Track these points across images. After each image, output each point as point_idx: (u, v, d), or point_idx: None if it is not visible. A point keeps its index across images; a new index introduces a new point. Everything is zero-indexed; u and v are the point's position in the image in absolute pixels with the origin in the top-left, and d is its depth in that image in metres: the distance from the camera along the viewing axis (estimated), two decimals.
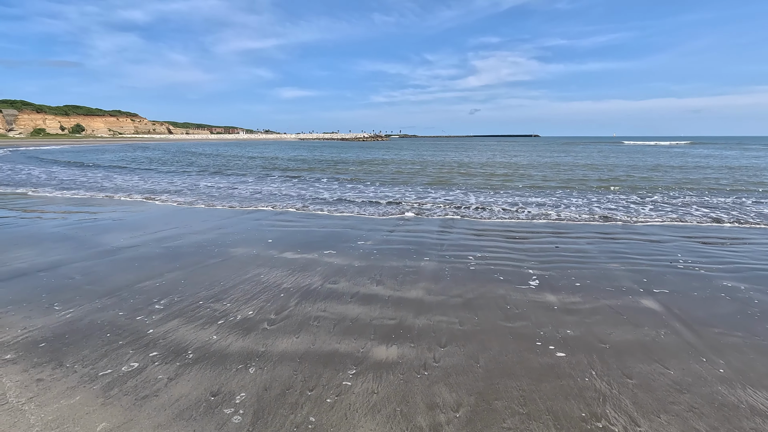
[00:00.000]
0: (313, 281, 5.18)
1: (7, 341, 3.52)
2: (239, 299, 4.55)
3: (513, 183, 16.64)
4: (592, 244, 7.28)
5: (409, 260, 6.18)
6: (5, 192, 13.73)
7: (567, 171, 21.82)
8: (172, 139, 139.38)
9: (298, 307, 4.36)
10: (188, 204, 11.49)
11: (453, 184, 16.47)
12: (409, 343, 3.56)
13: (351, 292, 4.82)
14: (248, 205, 11.29)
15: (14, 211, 10.21)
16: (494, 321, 4.03)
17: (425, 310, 4.28)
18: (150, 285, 4.97)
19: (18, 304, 4.33)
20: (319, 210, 10.64)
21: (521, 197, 13.03)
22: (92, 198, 12.57)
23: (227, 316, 4.08)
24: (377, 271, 5.60)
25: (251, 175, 20.65)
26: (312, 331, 3.79)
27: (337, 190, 14.75)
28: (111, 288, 4.85)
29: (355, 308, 4.33)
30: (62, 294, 4.65)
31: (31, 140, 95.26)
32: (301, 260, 6.12)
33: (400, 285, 5.07)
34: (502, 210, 10.76)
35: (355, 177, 19.16)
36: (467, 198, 12.79)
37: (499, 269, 5.74)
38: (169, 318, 4.03)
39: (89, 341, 3.55)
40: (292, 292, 4.80)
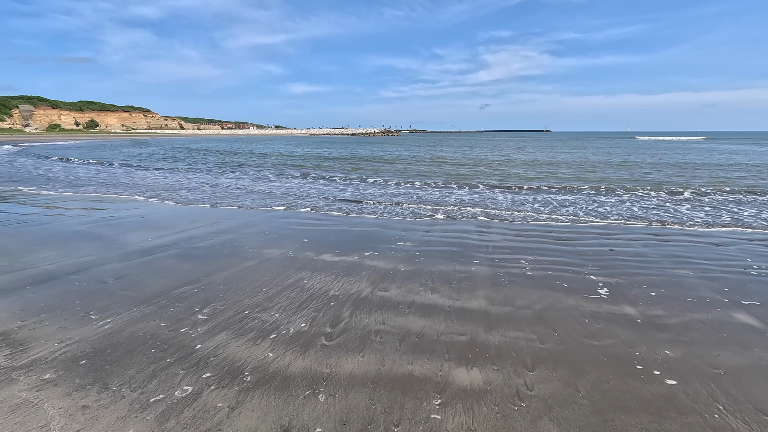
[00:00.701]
0: (361, 288, 4.78)
1: (45, 357, 3.18)
2: (287, 308, 4.17)
3: (539, 181, 16.08)
4: (647, 246, 6.77)
5: (458, 264, 5.75)
6: (25, 187, 13.59)
7: (591, 169, 21.13)
8: (183, 134, 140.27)
9: (353, 318, 3.96)
10: (210, 202, 11.20)
11: (476, 181, 15.96)
12: (491, 365, 3.14)
13: (406, 300, 4.41)
14: (271, 204, 10.95)
15: (36, 207, 10.00)
16: (577, 338, 3.59)
17: (495, 324, 3.85)
18: (188, 291, 4.62)
19: (52, 312, 4.01)
20: (345, 208, 10.26)
21: (551, 196, 12.50)
22: (112, 195, 12.35)
23: (279, 329, 3.70)
24: (427, 277, 5.19)
25: (269, 171, 20.37)
26: (377, 348, 3.39)
27: (359, 187, 14.34)
28: (147, 294, 4.51)
29: (417, 320, 3.92)
30: (97, 300, 4.32)
31: (47, 135, 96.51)
32: (342, 263, 5.73)
33: (457, 293, 4.64)
34: (535, 209, 10.25)
35: (375, 174, 18.75)
36: (495, 196, 12.28)
37: (559, 275, 5.28)
38: (215, 330, 3.66)
39: (133, 358, 3.19)
40: (342, 300, 4.41)
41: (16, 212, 9.29)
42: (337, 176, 17.63)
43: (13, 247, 6.37)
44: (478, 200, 11.56)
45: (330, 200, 11.48)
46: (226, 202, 10.99)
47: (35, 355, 3.22)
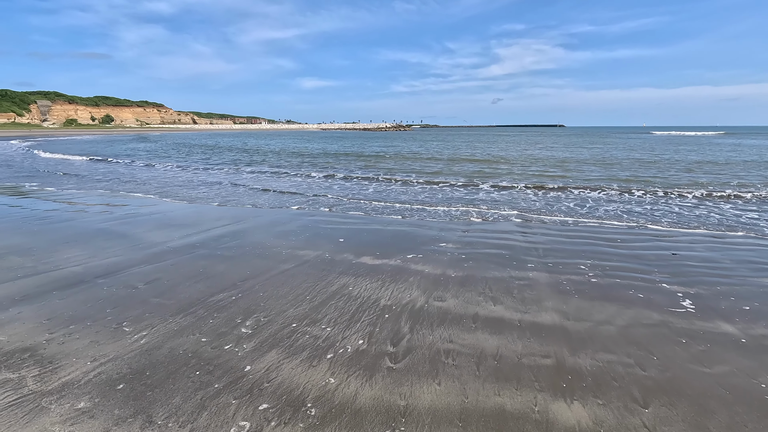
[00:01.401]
0: (413, 296, 4.33)
1: (77, 380, 2.79)
2: (337, 321, 3.73)
3: (568, 180, 15.42)
4: (713, 251, 6.18)
5: (512, 269, 5.26)
6: (45, 184, 13.42)
7: (618, 167, 20.32)
8: (197, 129, 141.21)
9: (415, 334, 3.51)
10: (231, 200, 10.85)
11: (502, 180, 15.37)
12: (593, 398, 2.66)
13: (468, 313, 3.94)
14: (293, 202, 10.56)
15: (58, 203, 9.75)
16: (682, 364, 3.08)
17: (578, 344, 3.36)
18: (225, 298, 4.22)
19: (81, 323, 3.63)
20: (371, 207, 9.81)
21: (584, 194, 11.87)
22: (131, 192, 12.09)
23: (334, 347, 3.27)
24: (483, 284, 4.71)
25: (286, 169, 20.05)
26: (452, 373, 2.93)
27: (382, 185, 13.87)
28: (182, 302, 4.12)
29: (488, 338, 3.45)
30: (128, 309, 3.94)
31: (64, 130, 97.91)
32: (385, 267, 5.28)
33: (523, 304, 4.16)
34: (572, 209, 9.67)
35: (396, 172, 18.27)
36: (526, 195, 11.70)
37: (629, 283, 4.76)
38: (263, 348, 3.24)
39: (177, 382, 2.78)
40: (396, 311, 3.96)
41: (38, 208, 9.04)
42: (357, 173, 17.18)
43: (37, 246, 6.06)
44: (508, 199, 11.00)
45: (354, 198, 11.04)
46: (247, 200, 10.63)
47: (67, 376, 2.83)
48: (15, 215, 8.25)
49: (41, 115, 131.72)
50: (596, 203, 10.23)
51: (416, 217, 8.51)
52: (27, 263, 5.27)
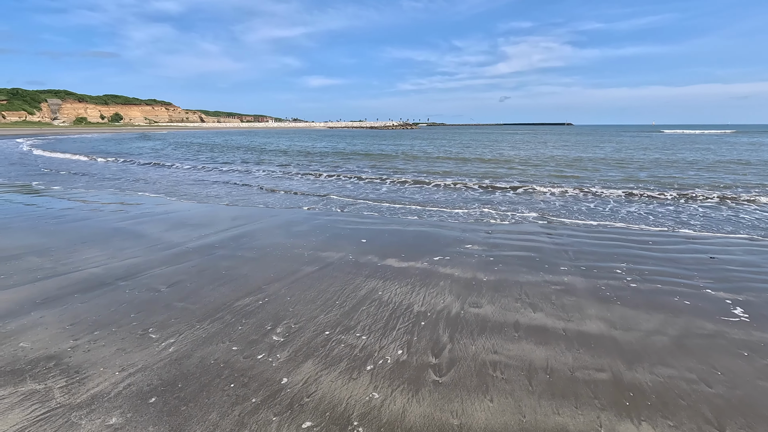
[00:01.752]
0: (447, 302, 4.13)
1: (107, 392, 2.64)
2: (372, 328, 3.55)
3: (583, 179, 15.12)
4: (753, 254, 5.92)
5: (545, 273, 5.04)
6: (65, 180, 13.40)
7: (632, 166, 19.89)
8: (205, 127, 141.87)
9: (456, 344, 3.31)
10: (246, 199, 10.73)
11: (515, 178, 15.12)
12: (663, 420, 2.45)
13: (508, 321, 3.74)
14: (307, 202, 10.40)
15: (72, 201, 9.67)
16: (751, 381, 2.86)
17: (632, 356, 3.15)
18: (252, 303, 4.05)
19: (106, 328, 3.48)
20: (387, 207, 9.62)
21: (605, 194, 11.58)
22: (143, 190, 12.01)
23: (373, 358, 3.08)
24: (517, 289, 4.50)
25: (296, 168, 19.95)
26: (503, 388, 2.74)
27: (395, 185, 13.67)
28: (208, 307, 3.96)
29: (534, 349, 3.24)
30: (153, 314, 3.78)
31: (75, 128, 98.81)
32: (412, 270, 5.09)
33: (564, 311, 3.94)
34: (593, 210, 9.42)
35: (407, 171, 18.08)
36: (543, 195, 11.44)
37: (671, 289, 4.52)
38: (298, 358, 3.07)
39: (211, 395, 2.62)
40: (432, 318, 3.77)
41: (53, 206, 8.96)
42: (369, 173, 17.01)
43: (54, 246, 5.94)
44: (526, 199, 10.75)
45: (368, 199, 10.86)
46: (259, 200, 10.50)
47: (95, 387, 2.68)
48: (30, 214, 8.17)
49: (52, 113, 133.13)
50: (618, 204, 9.95)
51: (435, 218, 8.30)
52: (46, 264, 5.15)
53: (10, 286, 4.41)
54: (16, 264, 5.11)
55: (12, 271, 4.88)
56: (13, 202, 9.49)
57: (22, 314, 3.74)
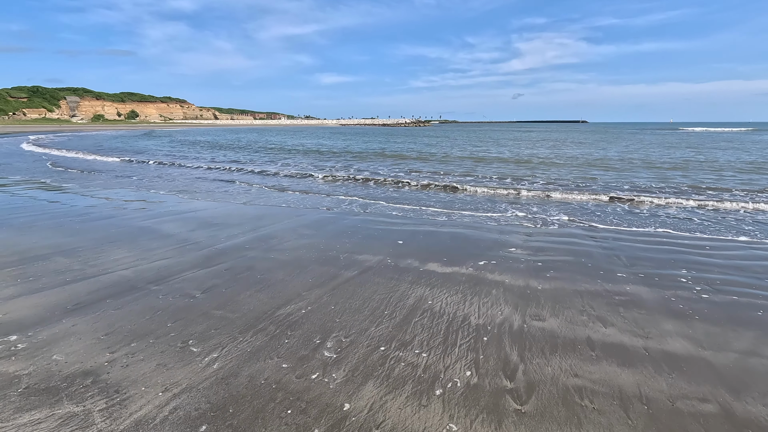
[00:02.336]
0: (506, 314, 3.78)
1: (151, 417, 2.35)
2: (430, 344, 3.22)
3: (610, 182, 14.57)
4: None
5: (602, 280, 4.65)
6: (83, 175, 13.36)
7: (663, 166, 19.21)
8: (218, 124, 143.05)
9: (528, 364, 2.96)
10: (267, 198, 10.49)
11: (538, 179, 14.64)
12: None
13: (579, 337, 3.37)
14: (332, 202, 10.12)
15: (96, 198, 9.54)
16: None
17: (736, 384, 2.76)
18: (295, 312, 3.75)
19: (143, 339, 3.22)
20: (414, 207, 9.28)
21: (641, 197, 11.07)
22: (162, 188, 11.86)
23: (440, 380, 2.75)
24: (578, 299, 4.12)
25: (314, 168, 19.74)
26: (599, 421, 2.38)
27: (418, 184, 13.31)
28: (248, 316, 3.67)
29: (619, 372, 2.87)
30: (191, 323, 3.51)
31: (93, 126, 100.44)
32: (458, 276, 4.74)
33: (638, 326, 3.56)
34: (630, 211, 8.95)
35: (428, 172, 17.72)
36: (573, 196, 10.96)
37: (750, 302, 4.10)
38: (357, 378, 2.75)
39: (268, 424, 2.32)
40: (494, 333, 3.42)
41: (77, 204, 8.83)
42: (387, 172, 16.68)
43: (81, 246, 5.75)
44: (556, 201, 10.29)
45: (391, 198, 10.54)
46: (281, 200, 10.25)
47: (138, 411, 2.40)
48: (54, 212, 8.03)
49: (70, 110, 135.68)
50: (655, 207, 9.44)
51: (466, 219, 7.93)
52: (74, 265, 4.94)
53: (39, 289, 4.20)
54: (44, 265, 4.91)
55: (40, 272, 4.67)
56: (37, 199, 9.40)
57: (54, 322, 3.50)
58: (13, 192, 10.27)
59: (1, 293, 4.08)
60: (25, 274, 4.62)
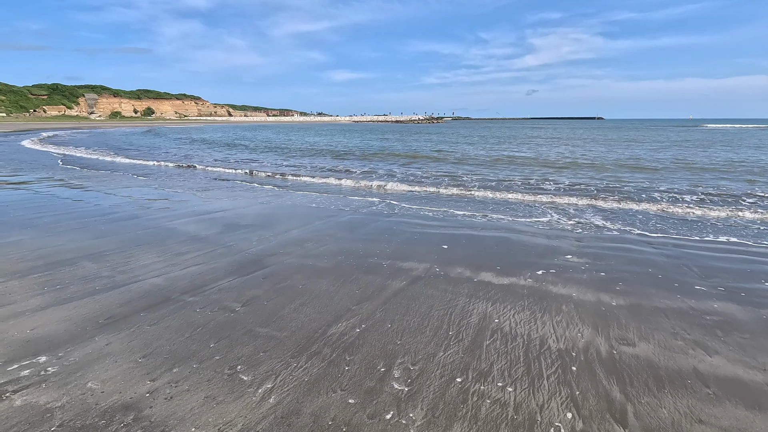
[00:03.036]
0: (587, 336, 3.32)
1: None
2: (512, 374, 2.78)
3: (651, 184, 13.90)
4: None
5: (681, 295, 4.15)
6: (103, 172, 13.21)
7: (705, 170, 18.35)
8: (232, 121, 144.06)
9: (636, 403, 2.51)
10: (292, 198, 10.15)
11: (568, 180, 14.03)
12: None
13: (683, 368, 2.90)
14: (359, 203, 9.72)
15: (119, 197, 9.31)
16: None
17: None
18: (348, 331, 3.35)
19: (185, 363, 2.85)
20: (450, 211, 8.82)
21: (683, 200, 10.42)
22: (184, 186, 11.61)
23: (539, 424, 2.32)
24: (664, 319, 3.64)
25: (332, 169, 19.40)
26: None
27: (446, 186, 12.85)
28: (298, 335, 3.28)
29: (751, 417, 2.41)
30: (236, 344, 3.14)
31: (110, 122, 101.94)
32: (518, 288, 4.29)
33: (747, 353, 3.07)
34: (677, 214, 8.34)
35: (451, 174, 17.25)
36: (608, 201, 10.37)
37: None
38: (440, 421, 2.34)
39: None
40: (581, 361, 2.97)
41: (100, 203, 8.59)
42: (411, 173, 16.22)
43: (108, 249, 5.44)
44: (599, 205, 9.73)
45: (422, 201, 10.10)
46: (307, 200, 9.89)
47: None
48: (78, 210, 7.79)
49: (89, 107, 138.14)
50: (709, 213, 8.81)
51: (505, 222, 7.46)
52: (102, 271, 4.62)
53: (68, 299, 3.87)
54: (71, 271, 4.60)
55: (68, 279, 4.36)
56: (60, 197, 9.20)
57: (86, 339, 3.16)
58: (36, 190, 10.11)
59: (29, 303, 3.77)
60: (52, 281, 4.32)
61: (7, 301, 3.81)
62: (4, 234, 6.09)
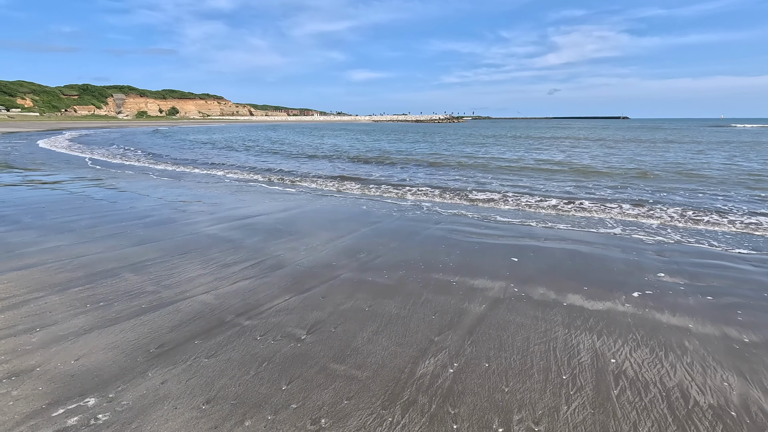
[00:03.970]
0: (738, 388, 2.69)
1: None
2: None
3: (717, 190, 12.91)
4: None
5: None
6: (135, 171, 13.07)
7: (756, 174, 17.08)
8: (254, 120, 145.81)
9: None
10: (330, 202, 9.69)
11: (618, 189, 13.16)
12: None
13: None
14: (404, 208, 9.19)
15: (153, 199, 9.03)
16: None
17: None
18: (441, 371, 2.81)
19: (258, 414, 2.36)
20: (503, 219, 8.21)
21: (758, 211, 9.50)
22: (217, 187, 11.29)
23: None
24: None
25: (364, 168, 18.95)
26: None
27: (487, 193, 12.20)
28: (382, 375, 2.76)
29: None
30: (312, 387, 2.63)
31: (137, 121, 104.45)
32: (619, 316, 3.67)
33: None
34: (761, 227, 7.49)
35: (494, 181, 16.56)
36: (670, 214, 9.53)
37: None
38: None
39: None
40: (746, 423, 2.34)
41: (135, 206, 8.30)
42: (444, 180, 15.61)
43: (149, 258, 5.06)
44: (672, 219, 8.93)
45: (465, 208, 9.50)
46: (350, 203, 9.41)
47: None
48: (114, 213, 7.50)
49: (117, 107, 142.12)
50: None
51: (567, 231, 6.80)
52: (146, 285, 4.21)
53: (113, 320, 3.46)
54: (114, 284, 4.21)
55: (111, 294, 3.97)
56: (94, 198, 8.97)
57: (138, 375, 2.71)
58: (70, 190, 9.94)
59: (72, 325, 3.37)
60: (95, 296, 3.92)
61: (49, 321, 3.42)
62: (41, 239, 5.79)
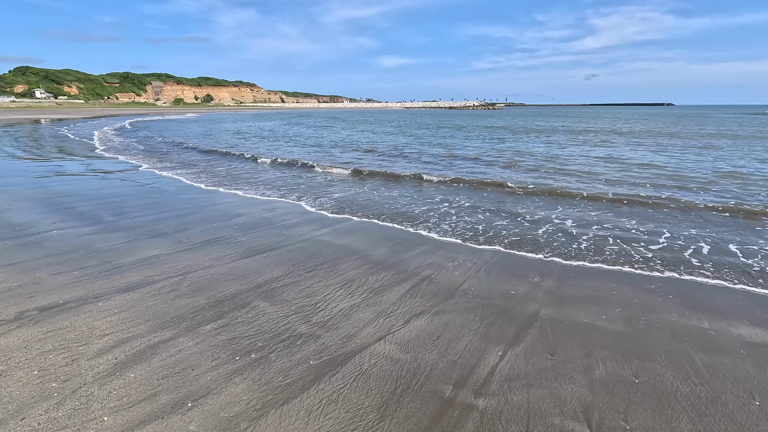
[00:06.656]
0: None
1: None
2: None
3: None
4: None
5: None
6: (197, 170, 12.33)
7: None
8: (286, 107, 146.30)
9: None
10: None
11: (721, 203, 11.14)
12: None
13: None
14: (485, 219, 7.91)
15: (232, 194, 8.15)
16: None
17: None
18: None
19: None
20: (591, 232, 6.80)
21: None
22: (299, 191, 10.34)
23: None
24: None
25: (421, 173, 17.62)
26: None
27: (572, 207, 10.69)
28: None
29: None
30: None
31: (174, 108, 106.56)
32: None
33: None
34: None
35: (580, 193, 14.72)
36: None
37: None
38: None
39: None
40: None
41: (218, 201, 7.42)
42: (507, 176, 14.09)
43: (276, 278, 4.07)
44: None
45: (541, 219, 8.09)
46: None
47: None
48: (198, 210, 6.64)
49: (155, 95, 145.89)
50: None
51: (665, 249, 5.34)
52: (296, 324, 3.21)
53: (284, 387, 2.44)
54: (252, 321, 3.23)
55: (258, 339, 2.97)
56: (166, 190, 8.17)
57: None
58: (135, 180, 9.21)
59: (232, 394, 2.37)
60: (237, 341, 2.93)
61: (199, 389, 2.42)
62: (134, 246, 4.91)
